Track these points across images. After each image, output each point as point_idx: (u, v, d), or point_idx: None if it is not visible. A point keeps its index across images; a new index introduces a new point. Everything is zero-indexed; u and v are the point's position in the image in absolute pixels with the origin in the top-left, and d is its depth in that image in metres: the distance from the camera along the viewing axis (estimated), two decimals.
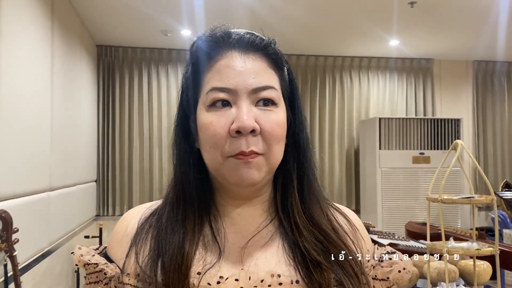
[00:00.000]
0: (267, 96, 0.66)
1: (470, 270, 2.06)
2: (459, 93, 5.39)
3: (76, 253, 0.71)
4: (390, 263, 0.73)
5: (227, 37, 0.69)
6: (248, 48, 0.68)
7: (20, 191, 2.26)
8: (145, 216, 0.73)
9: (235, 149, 0.64)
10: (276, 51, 0.71)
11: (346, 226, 0.75)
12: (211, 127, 0.65)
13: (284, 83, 0.72)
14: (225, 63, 0.67)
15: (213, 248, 0.67)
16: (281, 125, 0.68)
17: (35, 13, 2.54)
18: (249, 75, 0.66)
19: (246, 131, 0.63)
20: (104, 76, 4.65)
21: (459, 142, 1.87)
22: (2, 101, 2.02)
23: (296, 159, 0.72)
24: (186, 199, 0.70)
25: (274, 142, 0.66)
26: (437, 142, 4.68)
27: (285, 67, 0.73)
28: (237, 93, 0.65)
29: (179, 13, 3.66)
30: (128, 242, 0.70)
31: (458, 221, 4.65)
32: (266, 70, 0.68)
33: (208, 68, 0.68)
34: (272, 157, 0.66)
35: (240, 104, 0.65)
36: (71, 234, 3.37)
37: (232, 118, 0.64)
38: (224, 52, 0.68)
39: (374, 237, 2.69)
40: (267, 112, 0.66)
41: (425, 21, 3.95)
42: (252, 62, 0.67)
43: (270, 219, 0.72)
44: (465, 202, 1.83)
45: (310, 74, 5.08)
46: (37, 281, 2.51)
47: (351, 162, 5.15)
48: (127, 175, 4.65)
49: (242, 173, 0.64)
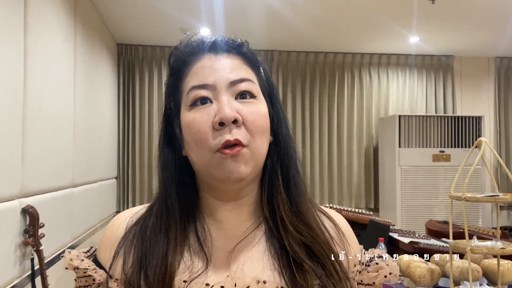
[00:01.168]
0: (246, 88, 0.68)
1: (493, 269, 2.03)
2: (480, 90, 5.30)
3: (66, 257, 0.71)
4: (376, 268, 0.74)
5: (201, 42, 0.72)
6: (223, 47, 0.71)
7: (46, 187, 2.31)
8: (132, 221, 0.73)
9: (220, 140, 0.65)
10: (250, 50, 0.73)
11: (331, 229, 0.75)
12: (194, 124, 0.66)
13: (261, 80, 0.73)
14: (202, 64, 0.70)
15: (200, 256, 0.67)
16: (263, 115, 0.69)
17: (58, 14, 2.59)
18: (226, 70, 0.68)
19: (229, 121, 0.65)
20: (124, 74, 4.72)
21: (483, 140, 1.85)
22: (27, 100, 2.06)
23: (279, 156, 0.72)
24: (168, 209, 0.70)
25: (258, 132, 0.67)
26: (457, 140, 4.62)
27: (261, 66, 0.75)
28: (216, 87, 0.67)
29: (198, 11, 3.68)
30: (115, 247, 0.70)
31: (479, 220, 4.59)
32: (242, 66, 0.71)
33: (186, 73, 0.71)
34: (256, 148, 0.67)
35: (220, 98, 0.66)
36: (92, 230, 3.43)
37: (214, 112, 0.66)
38: (199, 56, 0.71)
39: (395, 235, 2.67)
40: (248, 103, 0.68)
41: (445, 17, 3.89)
42: (227, 59, 0.70)
43: (258, 223, 0.72)
44: (489, 201, 1.81)
45: (329, 72, 5.06)
46: (61, 275, 2.56)
47: (370, 160, 5.11)
48: (146, 172, 4.71)
49: (230, 167, 0.65)
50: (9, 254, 1.86)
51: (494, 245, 1.76)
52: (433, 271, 2.03)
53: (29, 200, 2.05)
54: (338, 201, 5.00)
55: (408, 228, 3.97)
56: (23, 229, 1.97)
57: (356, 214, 3.14)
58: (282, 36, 4.47)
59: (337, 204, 4.90)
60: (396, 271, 0.75)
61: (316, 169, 4.96)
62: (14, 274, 1.91)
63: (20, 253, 1.95)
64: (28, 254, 2.02)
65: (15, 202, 1.93)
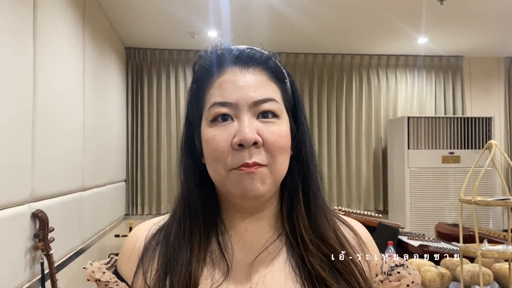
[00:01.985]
0: (268, 108, 0.67)
1: (505, 273, 2.01)
2: (490, 90, 5.25)
3: (88, 269, 0.72)
4: (398, 277, 0.73)
5: (228, 53, 0.70)
6: (248, 62, 0.69)
7: (55, 191, 2.33)
8: (152, 233, 0.73)
9: (238, 161, 0.64)
10: (276, 64, 0.71)
11: (352, 239, 0.74)
12: (213, 141, 0.66)
13: (286, 95, 0.71)
14: (226, 78, 0.68)
15: (221, 264, 0.67)
16: (284, 136, 0.67)
17: (67, 18, 2.61)
18: (250, 89, 0.66)
19: (248, 143, 0.64)
20: (132, 77, 4.74)
21: (493, 143, 1.83)
22: (37, 104, 2.08)
23: (301, 172, 0.72)
24: (192, 215, 0.70)
25: (278, 153, 0.66)
26: (467, 141, 4.58)
27: (287, 80, 0.73)
28: (238, 106, 0.66)
29: (206, 15, 3.69)
30: (136, 260, 0.71)
31: (490, 223, 4.54)
32: (267, 83, 0.69)
33: (210, 84, 0.69)
34: (276, 168, 0.66)
35: (241, 118, 0.65)
36: (102, 233, 3.45)
37: (234, 131, 0.65)
38: (224, 68, 0.69)
39: (404, 238, 2.65)
40: (269, 124, 0.67)
41: (454, 18, 3.86)
42: (252, 75, 0.68)
43: (278, 235, 0.71)
44: (500, 204, 1.79)
45: (337, 73, 5.05)
46: (71, 279, 2.58)
47: (378, 162, 5.09)
48: (155, 175, 4.72)
49: (246, 185, 0.65)
50: (19, 259, 1.88)
51: (506, 249, 1.74)
52: (443, 275, 2.01)
53: (39, 205, 2.07)
54: (347, 203, 4.98)
55: (418, 230, 3.94)
56: (33, 233, 1.99)
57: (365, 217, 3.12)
58: (290, 38, 4.46)
59: (346, 206, 4.88)
60: (418, 279, 0.74)
61: (324, 171, 4.94)
62: (25, 278, 1.92)
63: (30, 257, 1.97)
64: (38, 258, 2.03)
65: (25, 207, 1.95)
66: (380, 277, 0.73)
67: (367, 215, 3.17)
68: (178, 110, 4.79)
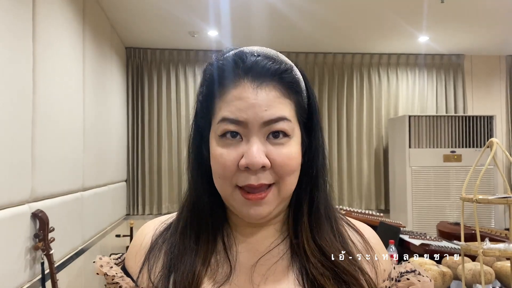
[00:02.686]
0: (279, 129, 0.64)
1: (506, 272, 2.00)
2: (492, 89, 5.24)
3: (97, 263, 0.73)
4: (407, 284, 0.70)
5: (241, 61, 0.66)
6: (262, 76, 0.65)
7: (56, 191, 2.33)
8: (160, 231, 0.74)
9: (244, 181, 0.64)
10: (292, 78, 0.67)
11: (359, 244, 0.73)
12: (221, 160, 0.64)
13: (299, 108, 0.68)
14: (237, 94, 0.64)
15: (224, 265, 0.67)
16: (294, 158, 0.66)
17: (67, 19, 2.61)
18: (261, 108, 0.63)
19: (256, 168, 0.63)
20: (133, 77, 4.74)
21: (494, 141, 1.82)
22: (37, 104, 2.08)
23: (309, 184, 0.71)
24: (200, 218, 0.70)
25: (286, 174, 0.65)
26: (469, 140, 4.56)
27: (303, 92, 0.69)
28: (248, 126, 0.63)
29: (206, 14, 3.69)
30: (142, 256, 0.71)
31: (492, 221, 4.53)
32: (279, 100, 0.65)
33: (220, 95, 0.66)
34: (284, 188, 0.66)
35: (251, 139, 0.64)
36: (103, 233, 3.45)
37: (242, 152, 0.64)
38: (236, 80, 0.65)
39: (405, 237, 2.64)
40: (279, 146, 0.65)
41: (455, 16, 3.85)
42: (264, 92, 0.64)
43: (282, 238, 0.71)
44: (501, 202, 1.78)
45: (337, 72, 5.04)
46: (72, 279, 2.58)
47: (380, 161, 5.08)
48: (156, 175, 4.72)
49: (250, 211, 0.65)
50: (19, 259, 1.88)
51: (507, 247, 1.73)
52: (444, 274, 2.00)
53: (39, 205, 2.07)
54: (348, 202, 4.97)
55: (419, 229, 3.93)
56: (33, 233, 1.98)
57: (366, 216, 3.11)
58: (290, 38, 4.45)
59: (347, 205, 4.87)
60: (429, 287, 0.71)
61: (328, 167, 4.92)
62: (25, 278, 1.92)
63: (30, 257, 1.97)
64: (38, 258, 2.03)
65: (25, 207, 1.95)
66: (387, 283, 0.71)
67: (369, 214, 3.16)
68: (179, 110, 4.78)
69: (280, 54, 0.69)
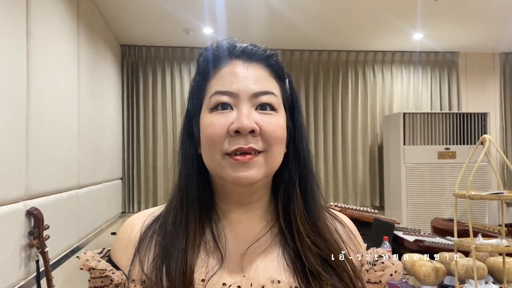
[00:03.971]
0: (267, 101, 0.70)
1: (499, 267, 2.02)
2: (486, 86, 5.27)
3: (82, 257, 0.73)
4: (382, 267, 0.77)
5: (232, 47, 0.73)
6: (251, 57, 0.72)
7: (50, 189, 2.32)
8: (148, 223, 0.75)
9: (233, 145, 0.67)
10: (277, 62, 0.75)
11: (343, 233, 0.78)
12: (211, 127, 0.68)
13: (285, 93, 0.75)
14: (229, 70, 0.71)
15: (215, 254, 0.70)
16: (281, 127, 0.71)
17: (62, 16, 2.60)
18: (251, 81, 0.70)
19: (245, 131, 0.66)
20: (128, 75, 4.73)
21: (487, 137, 1.83)
22: (31, 102, 2.07)
23: (298, 168, 0.74)
24: (188, 202, 0.72)
25: (274, 143, 0.69)
26: (463, 137, 4.59)
27: (286, 79, 0.76)
28: (239, 96, 0.68)
29: (201, 12, 3.68)
30: (132, 249, 0.72)
31: (486, 217, 4.56)
32: (267, 78, 0.72)
33: (213, 75, 0.72)
34: (271, 156, 0.69)
35: (240, 107, 0.68)
36: (98, 231, 3.45)
37: (232, 119, 0.68)
38: (228, 61, 0.72)
39: (400, 233, 2.66)
40: (267, 115, 0.69)
41: (450, 13, 3.87)
42: (254, 69, 0.71)
43: (269, 227, 0.74)
44: (493, 198, 1.80)
45: (332, 70, 5.05)
46: (67, 277, 2.58)
47: (374, 158, 5.10)
48: (151, 172, 4.72)
49: (239, 173, 0.67)
50: (14, 256, 1.88)
51: (499, 243, 1.75)
52: (438, 269, 2.02)
53: (34, 202, 2.07)
54: (343, 199, 4.99)
55: (414, 226, 3.95)
56: (28, 231, 1.98)
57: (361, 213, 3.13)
58: (286, 35, 4.46)
59: (342, 202, 4.89)
60: (400, 269, 0.78)
61: (321, 167, 4.94)
62: (20, 276, 1.92)
63: (25, 255, 1.97)
64: (33, 256, 2.03)
65: (20, 205, 1.94)
66: (366, 266, 0.77)
67: (363, 211, 3.17)
68: (174, 107, 4.78)
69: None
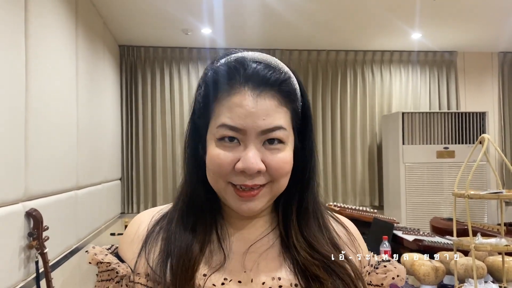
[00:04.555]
0: (275, 137, 0.68)
1: (498, 266, 2.02)
2: (484, 85, 5.27)
3: (90, 252, 0.75)
4: (384, 270, 0.78)
5: (243, 68, 0.68)
6: (262, 85, 0.67)
7: (49, 190, 2.32)
8: (156, 219, 0.76)
9: (238, 181, 0.67)
10: (290, 88, 0.70)
11: (344, 236, 0.79)
12: (218, 160, 0.67)
13: (295, 115, 0.71)
14: (237, 101, 0.66)
15: (218, 253, 0.71)
16: (288, 162, 0.70)
17: (60, 16, 2.60)
18: (259, 117, 0.66)
19: (251, 172, 0.66)
20: (126, 75, 4.73)
21: (485, 136, 1.84)
22: (30, 103, 2.07)
23: (299, 185, 0.75)
24: (195, 210, 0.73)
25: (281, 177, 0.69)
26: (462, 136, 4.60)
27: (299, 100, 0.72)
28: (246, 133, 0.66)
29: (199, 12, 3.68)
30: (139, 243, 0.73)
31: (485, 217, 4.57)
32: (277, 109, 0.68)
33: (220, 99, 0.68)
34: (276, 187, 0.70)
35: (248, 145, 0.67)
36: (97, 232, 3.45)
37: (239, 156, 0.67)
38: (236, 87, 0.67)
39: (399, 233, 2.66)
40: (274, 151, 0.68)
41: (448, 13, 3.87)
42: (263, 101, 0.67)
43: (271, 229, 0.76)
44: (492, 198, 1.80)
45: (331, 70, 5.05)
46: (67, 278, 2.57)
47: (373, 157, 5.10)
48: (150, 173, 4.72)
49: (242, 206, 0.69)
50: (13, 257, 1.87)
51: (499, 242, 1.75)
52: (437, 269, 2.02)
53: (33, 203, 2.06)
54: (343, 199, 4.99)
55: (413, 225, 3.96)
56: (27, 232, 1.98)
57: (360, 213, 3.13)
58: (284, 35, 4.46)
59: (341, 202, 4.89)
60: (403, 274, 0.79)
61: (319, 167, 4.93)
62: (19, 277, 1.92)
63: (24, 256, 1.96)
64: (32, 257, 2.03)
65: (19, 206, 1.94)
66: (368, 268, 0.78)
67: (363, 211, 3.18)
68: (173, 108, 4.78)
69: (280, 62, 0.72)
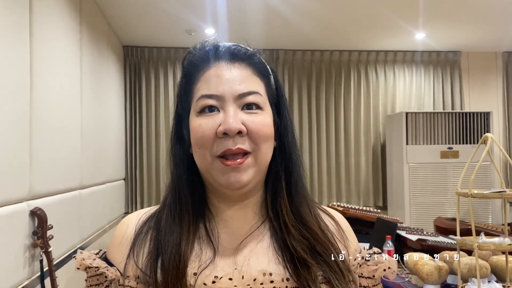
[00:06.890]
0: (252, 101, 0.71)
1: (502, 266, 2.02)
2: (489, 85, 5.25)
3: (78, 257, 0.75)
4: (375, 262, 0.79)
5: (215, 49, 0.74)
6: (234, 58, 0.73)
7: (54, 189, 2.33)
8: (143, 220, 0.77)
9: (222, 147, 0.68)
10: (261, 60, 0.76)
11: (331, 226, 0.79)
12: (199, 129, 0.70)
13: (269, 89, 0.76)
14: (213, 72, 0.72)
15: (208, 248, 0.71)
16: (268, 125, 0.72)
17: (64, 17, 2.61)
18: (235, 82, 0.71)
19: (233, 132, 0.67)
20: (130, 76, 4.74)
21: (489, 136, 1.83)
22: (35, 102, 2.08)
23: (283, 161, 0.76)
24: (181, 201, 0.73)
25: (262, 141, 0.70)
26: (466, 136, 4.58)
27: (271, 76, 0.77)
28: (224, 99, 0.70)
29: (203, 12, 3.69)
30: (127, 245, 0.74)
31: (489, 217, 4.55)
32: (251, 77, 0.73)
33: (198, 78, 0.73)
34: (260, 155, 0.71)
35: (227, 109, 0.69)
36: (101, 231, 3.46)
37: (220, 121, 0.69)
38: (211, 63, 0.73)
39: (402, 233, 2.66)
40: (253, 114, 0.71)
41: (452, 13, 3.86)
42: (237, 70, 0.72)
43: (261, 221, 0.76)
44: (495, 197, 1.79)
45: (335, 70, 5.05)
46: (71, 277, 2.58)
47: (377, 158, 5.09)
48: (154, 172, 4.73)
49: (230, 177, 0.69)
50: (18, 256, 1.89)
51: (502, 242, 1.74)
52: (441, 268, 2.02)
53: (37, 202, 2.08)
54: (346, 199, 4.99)
55: (417, 225, 3.95)
56: (31, 231, 1.99)
57: (364, 212, 3.13)
58: (287, 35, 4.46)
59: (345, 202, 4.89)
60: (395, 266, 0.79)
61: (323, 167, 4.95)
62: (24, 276, 1.93)
63: (29, 254, 1.98)
64: (37, 256, 2.04)
65: (23, 205, 1.95)
66: (359, 260, 0.79)
67: (366, 211, 3.18)
68: None
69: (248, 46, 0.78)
